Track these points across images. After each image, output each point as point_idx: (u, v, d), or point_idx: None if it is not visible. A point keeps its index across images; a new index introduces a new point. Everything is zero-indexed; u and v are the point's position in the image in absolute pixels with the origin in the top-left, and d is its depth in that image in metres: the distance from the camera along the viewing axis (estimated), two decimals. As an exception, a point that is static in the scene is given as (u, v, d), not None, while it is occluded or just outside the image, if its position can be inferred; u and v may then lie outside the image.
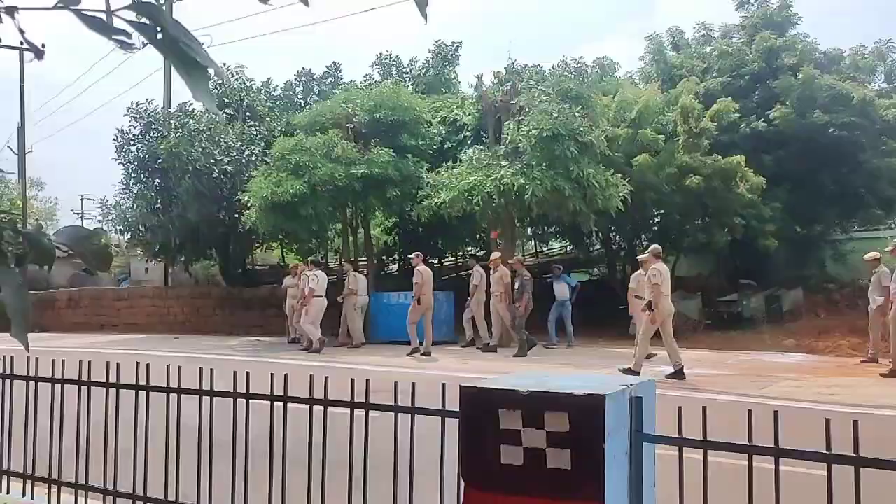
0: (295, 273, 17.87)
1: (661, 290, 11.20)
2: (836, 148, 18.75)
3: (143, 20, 0.96)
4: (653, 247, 12.53)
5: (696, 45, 22.88)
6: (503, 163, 15.78)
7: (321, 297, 16.12)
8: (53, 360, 4.66)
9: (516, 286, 14.65)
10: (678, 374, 11.00)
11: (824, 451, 2.46)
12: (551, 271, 17.11)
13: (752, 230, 17.75)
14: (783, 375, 11.46)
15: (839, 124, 18.45)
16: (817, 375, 11.49)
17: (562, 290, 16.24)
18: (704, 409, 2.64)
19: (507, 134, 16.34)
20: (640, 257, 13.42)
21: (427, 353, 14.79)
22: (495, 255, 15.70)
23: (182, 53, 0.99)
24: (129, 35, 0.99)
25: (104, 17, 0.98)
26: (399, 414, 3.44)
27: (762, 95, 19.83)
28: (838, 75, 19.70)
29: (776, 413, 2.52)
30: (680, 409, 2.71)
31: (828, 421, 2.45)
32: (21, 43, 1.12)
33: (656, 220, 19.98)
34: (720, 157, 17.42)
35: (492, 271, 15.43)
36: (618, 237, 21.19)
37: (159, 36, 0.97)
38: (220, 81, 22.47)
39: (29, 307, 1.03)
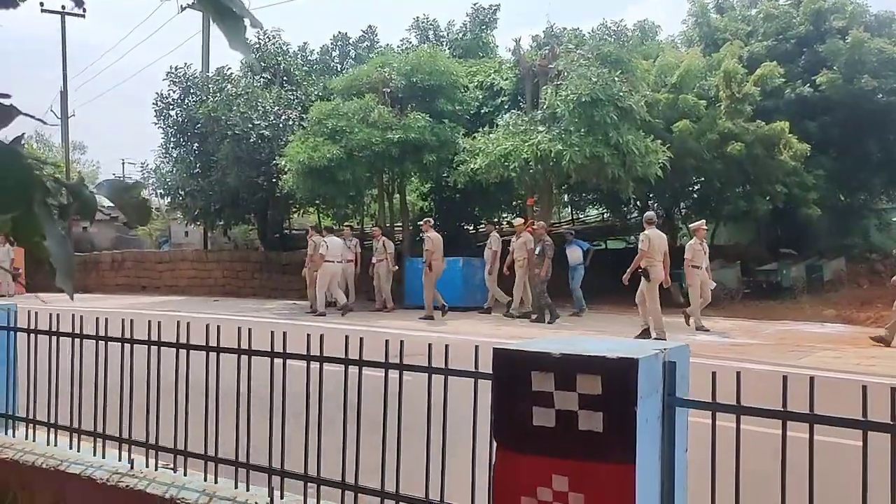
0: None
1: (649, 255, 11.77)
2: (884, 114, 18.25)
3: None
4: (646, 213, 13.18)
5: (740, 8, 22.31)
6: (540, 128, 15.64)
7: (332, 262, 16.27)
8: (97, 319, 4.79)
9: (536, 252, 14.70)
10: (644, 335, 11.66)
11: (860, 418, 2.44)
12: (563, 237, 16.94)
13: (795, 198, 17.44)
14: (822, 346, 11.31)
15: (888, 90, 17.94)
16: (857, 346, 11.32)
17: (574, 254, 16.13)
18: (738, 373, 2.62)
19: (545, 99, 16.17)
20: (692, 225, 13.82)
21: (429, 317, 15.10)
22: (518, 221, 16.23)
23: (218, 3, 1.00)
24: None
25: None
26: (433, 375, 3.47)
27: (808, 60, 19.32)
28: (889, 39, 19.07)
29: (811, 379, 2.50)
30: (714, 374, 2.69)
31: (864, 388, 2.42)
32: (84, 9, 1.14)
33: (696, 187, 19.72)
34: (763, 123, 17.09)
35: (515, 238, 15.53)
36: (656, 205, 20.96)
37: (197, -15, 0.99)
38: (258, 45, 22.53)
39: (72, 257, 1.06)
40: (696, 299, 13.12)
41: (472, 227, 24.22)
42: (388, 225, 19.33)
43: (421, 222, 16.80)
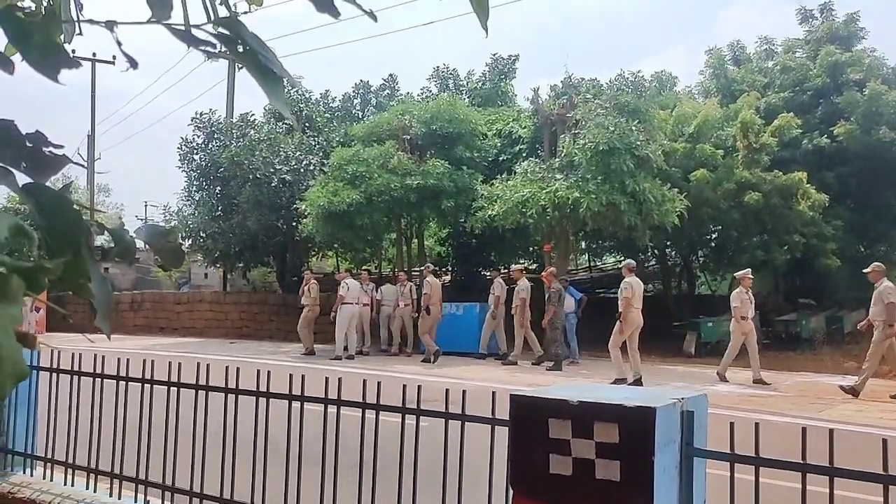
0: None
1: (630, 302, 12.05)
2: (903, 166, 18.19)
3: (225, 33, 1.05)
4: (626, 261, 13.26)
5: (757, 60, 22.49)
6: (558, 176, 15.74)
7: (350, 304, 16.36)
8: (119, 359, 4.83)
9: (546, 298, 14.83)
10: (637, 383, 11.74)
11: (881, 473, 2.41)
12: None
13: (813, 249, 17.33)
14: (843, 398, 11.13)
15: (906, 142, 17.90)
16: (879, 399, 11.13)
17: (568, 302, 15.89)
18: (757, 424, 2.61)
19: (563, 147, 16.30)
20: (738, 275, 13.63)
21: (427, 360, 15.34)
22: (516, 267, 16.58)
23: (260, 64, 1.06)
24: (214, 45, 1.07)
25: (190, 30, 1.07)
26: (449, 421, 3.47)
27: (825, 111, 19.38)
28: (906, 91, 19.12)
29: (831, 432, 2.48)
30: (732, 424, 2.68)
31: (885, 441, 2.39)
32: (114, 56, 1.20)
33: (713, 236, 19.65)
34: (780, 173, 17.08)
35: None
36: (673, 253, 20.90)
37: (240, 48, 1.05)
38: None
39: (112, 298, 1.11)
40: (734, 350, 12.91)
41: (488, 273, 24.25)
42: (405, 270, 19.39)
43: (422, 268, 17.00)
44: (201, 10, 1.10)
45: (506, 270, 17.64)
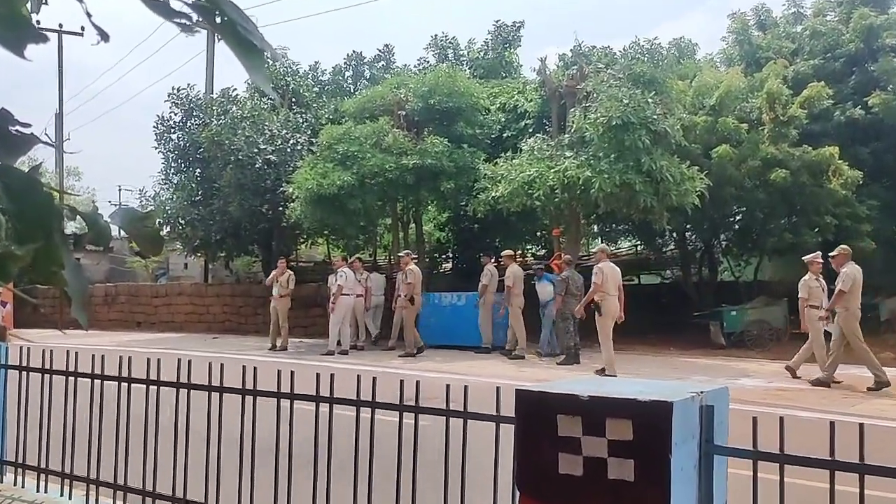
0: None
1: (601, 288, 12.37)
2: (944, 139, 18.17)
3: (203, 3, 1.06)
4: (599, 245, 13.62)
5: (784, 24, 22.39)
6: (567, 153, 15.73)
7: (349, 295, 16.55)
8: (94, 356, 4.86)
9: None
10: (603, 373, 12.28)
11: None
12: (533, 272, 16.73)
13: (846, 230, 17.32)
14: (878, 392, 11.17)
15: (948, 113, 17.86)
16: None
17: (544, 290, 15.84)
18: (781, 419, 2.64)
19: (573, 122, 16.28)
20: (807, 258, 12.97)
21: (410, 354, 15.61)
22: (506, 252, 16.74)
23: (240, 36, 1.07)
24: (190, 18, 1.08)
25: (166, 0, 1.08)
26: (451, 418, 3.50)
27: (859, 80, 19.32)
28: (949, 58, 19.06)
29: (861, 427, 2.51)
30: (755, 419, 2.71)
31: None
32: (82, 27, 1.21)
33: (737, 217, 19.65)
34: (810, 148, 17.05)
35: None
36: (693, 236, 20.90)
37: (218, 19, 1.06)
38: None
39: (87, 287, 1.13)
40: (821, 343, 12.28)
41: (493, 260, 24.25)
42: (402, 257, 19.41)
43: (401, 254, 17.17)
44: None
45: (525, 257, 17.78)
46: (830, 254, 12.06)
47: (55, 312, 22.39)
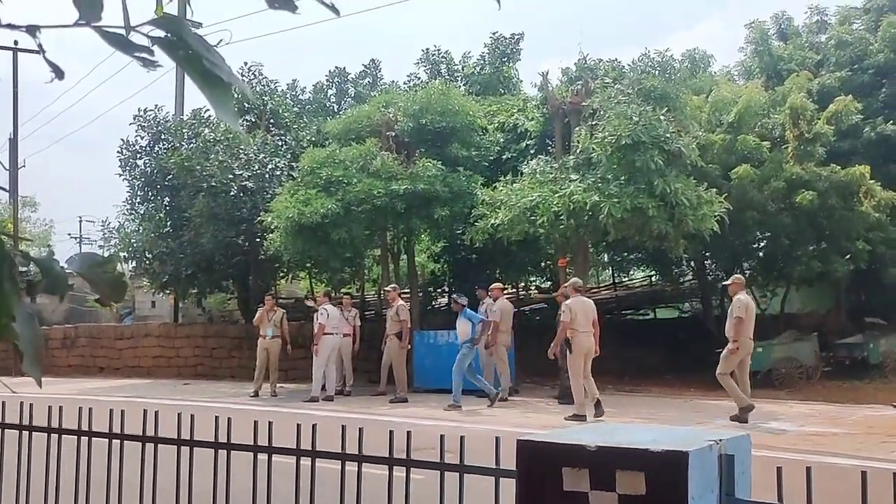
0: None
1: (571, 326, 12.77)
2: None
3: (166, 36, 1.08)
4: (573, 280, 13.93)
5: (807, 34, 22.68)
6: (573, 176, 15.79)
7: (331, 334, 16.52)
8: (50, 408, 4.85)
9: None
10: (579, 418, 12.43)
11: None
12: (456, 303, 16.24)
13: (880, 257, 17.42)
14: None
15: None
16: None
17: (463, 329, 15.27)
18: (809, 469, 2.64)
19: (578, 142, 16.37)
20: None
21: (401, 399, 15.61)
22: (495, 285, 16.96)
23: (205, 70, 1.10)
24: (151, 52, 1.11)
25: (125, 33, 1.11)
26: (445, 472, 3.49)
27: (890, 93, 19.53)
28: None
29: (895, 475, 2.52)
30: (779, 469, 2.71)
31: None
32: (40, 43, 1.24)
33: (760, 244, 19.73)
34: (839, 167, 17.18)
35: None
36: (713, 265, 20.96)
37: (182, 52, 1.09)
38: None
39: (42, 340, 1.14)
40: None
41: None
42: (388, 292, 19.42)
43: (387, 288, 17.29)
44: (137, 10, 1.14)
45: (528, 290, 17.84)
46: (725, 282, 13.13)
47: (6, 361, 22.24)
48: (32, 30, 1.17)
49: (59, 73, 1.20)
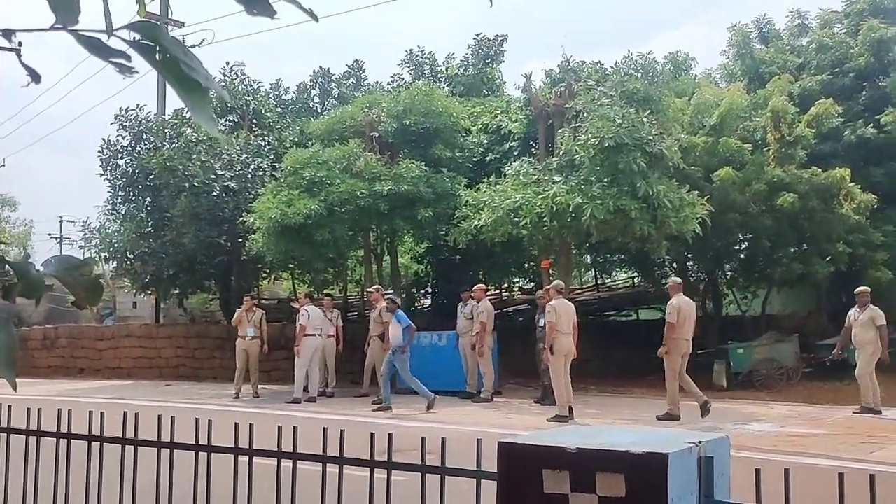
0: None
1: (556, 327, 12.92)
2: (963, 159, 18.49)
3: (142, 41, 1.08)
4: (555, 282, 14.10)
5: (788, 37, 22.82)
6: (556, 178, 15.83)
7: (313, 335, 16.47)
8: (28, 409, 4.81)
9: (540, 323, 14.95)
10: (561, 419, 12.60)
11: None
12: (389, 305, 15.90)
13: (860, 259, 17.54)
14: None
15: (966, 131, 18.20)
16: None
17: (395, 332, 14.88)
18: (787, 471, 2.66)
19: (561, 143, 16.41)
20: (858, 290, 14.65)
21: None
22: (478, 286, 16.94)
23: (183, 75, 1.10)
24: (128, 57, 1.10)
25: (102, 37, 1.10)
26: (427, 475, 3.49)
27: (870, 96, 19.67)
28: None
29: (872, 477, 2.54)
30: (758, 471, 2.73)
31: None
32: (19, 42, 1.23)
33: (742, 246, 19.84)
34: (819, 170, 17.29)
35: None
36: (695, 267, 21.05)
37: (159, 56, 1.08)
38: (222, 82, 23.00)
39: (16, 343, 1.13)
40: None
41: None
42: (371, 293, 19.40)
43: (370, 290, 17.38)
44: (116, 11, 1.14)
45: (511, 291, 17.85)
46: (664, 281, 13.61)
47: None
48: (8, 34, 1.16)
49: (35, 77, 1.19)
